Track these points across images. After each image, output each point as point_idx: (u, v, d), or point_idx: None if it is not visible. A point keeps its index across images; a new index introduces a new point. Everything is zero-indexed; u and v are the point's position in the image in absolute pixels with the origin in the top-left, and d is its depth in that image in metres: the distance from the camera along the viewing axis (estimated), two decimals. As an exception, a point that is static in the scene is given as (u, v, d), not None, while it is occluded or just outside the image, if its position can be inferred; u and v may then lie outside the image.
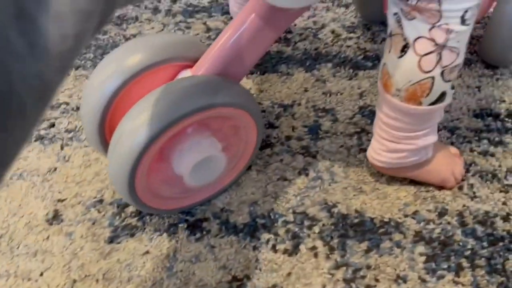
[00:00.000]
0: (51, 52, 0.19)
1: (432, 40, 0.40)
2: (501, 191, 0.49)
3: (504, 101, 0.57)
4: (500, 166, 0.51)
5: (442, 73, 0.42)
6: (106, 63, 0.46)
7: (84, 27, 0.20)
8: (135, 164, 0.42)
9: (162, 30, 0.69)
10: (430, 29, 0.40)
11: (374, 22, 0.66)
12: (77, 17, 0.20)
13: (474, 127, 0.55)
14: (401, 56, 0.42)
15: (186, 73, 0.45)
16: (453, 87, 0.44)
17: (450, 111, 0.56)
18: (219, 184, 0.49)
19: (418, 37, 0.41)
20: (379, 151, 0.47)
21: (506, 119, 0.55)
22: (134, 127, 0.41)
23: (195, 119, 0.42)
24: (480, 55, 0.61)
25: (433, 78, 0.42)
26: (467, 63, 0.60)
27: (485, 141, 0.53)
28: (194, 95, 0.41)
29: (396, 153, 0.46)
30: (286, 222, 0.48)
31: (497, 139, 0.53)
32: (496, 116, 0.55)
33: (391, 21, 0.42)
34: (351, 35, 0.66)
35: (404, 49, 0.42)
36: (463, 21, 0.40)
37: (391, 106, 0.44)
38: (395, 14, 0.41)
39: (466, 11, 0.39)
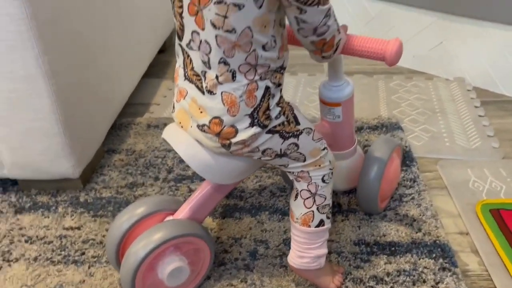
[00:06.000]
0: None
1: (309, 191, 0.74)
2: (364, 290, 0.79)
3: (373, 235, 0.89)
4: (366, 274, 0.81)
5: (317, 209, 0.75)
6: (122, 214, 0.79)
7: None
8: (135, 272, 0.71)
9: (160, 191, 1.04)
10: (307, 185, 0.74)
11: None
12: None
13: (352, 251, 0.86)
14: (295, 199, 0.76)
15: (170, 218, 0.78)
16: (328, 217, 0.76)
17: (340, 241, 0.88)
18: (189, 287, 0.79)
19: (302, 190, 0.75)
20: (294, 257, 0.77)
21: (374, 246, 0.87)
22: (136, 249, 0.72)
23: (171, 243, 0.73)
24: (360, 207, 0.95)
25: (312, 211, 0.75)
26: (352, 211, 0.95)
27: (359, 260, 0.84)
28: (172, 229, 0.73)
29: (302, 259, 0.76)
30: (229, 311, 0.77)
31: (365, 258, 0.84)
32: (367, 244, 0.87)
33: (293, 182, 0.76)
34: (282, 193, 1.01)
35: (297, 195, 0.76)
36: (323, 181, 0.74)
37: (295, 228, 0.76)
38: (293, 179, 0.76)
39: (324, 176, 0.74)
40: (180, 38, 0.65)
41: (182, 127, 0.69)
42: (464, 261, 0.86)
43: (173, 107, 0.71)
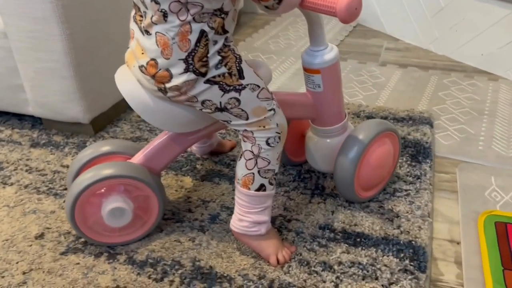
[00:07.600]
0: None
1: (252, 152, 0.70)
2: (306, 273, 0.72)
3: (343, 222, 0.81)
4: (316, 259, 0.74)
5: (259, 172, 0.70)
6: (87, 148, 0.81)
7: None
8: (75, 199, 0.73)
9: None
10: (251, 146, 0.70)
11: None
12: None
13: (313, 234, 0.79)
14: (239, 159, 0.72)
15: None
16: (271, 184, 0.71)
17: (305, 222, 0.81)
18: (135, 234, 0.79)
19: (246, 150, 0.71)
20: (234, 220, 0.73)
21: (338, 233, 0.79)
22: (81, 180, 0.73)
23: (116, 182, 0.74)
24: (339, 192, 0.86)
25: (253, 174, 0.70)
26: (334, 196, 0.87)
27: (316, 243, 0.77)
28: (118, 168, 0.74)
29: (241, 222, 0.72)
30: (164, 264, 0.75)
31: (323, 243, 0.77)
32: (332, 230, 0.79)
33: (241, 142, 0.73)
34: (269, 167, 0.96)
35: (241, 156, 0.72)
36: (267, 143, 0.69)
37: (237, 189, 0.72)
38: (241, 138, 0.72)
39: (268, 138, 0.69)
40: None
41: (128, 66, 0.69)
42: (440, 270, 0.74)
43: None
